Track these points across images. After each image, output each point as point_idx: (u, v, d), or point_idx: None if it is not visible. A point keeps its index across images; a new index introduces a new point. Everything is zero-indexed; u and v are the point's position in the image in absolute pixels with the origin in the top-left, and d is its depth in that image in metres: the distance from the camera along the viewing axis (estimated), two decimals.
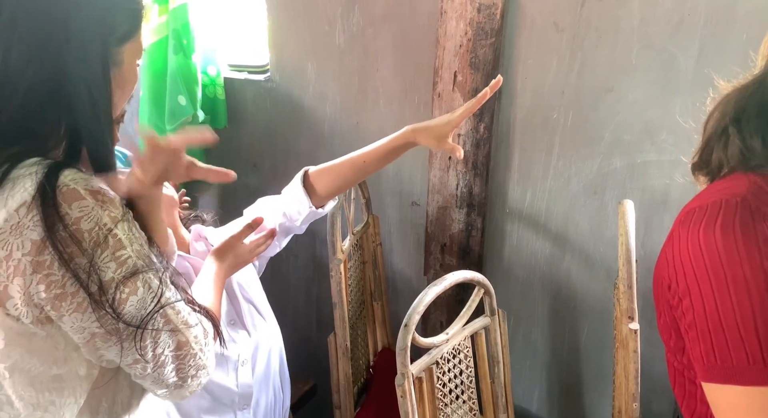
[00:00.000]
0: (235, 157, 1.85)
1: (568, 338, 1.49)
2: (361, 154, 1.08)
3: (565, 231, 1.41)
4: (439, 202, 1.50)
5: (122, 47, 0.70)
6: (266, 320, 1.17)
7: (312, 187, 1.11)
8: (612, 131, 1.28)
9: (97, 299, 0.63)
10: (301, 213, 1.12)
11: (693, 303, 0.63)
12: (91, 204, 0.62)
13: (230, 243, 1.01)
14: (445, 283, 1.03)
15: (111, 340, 0.65)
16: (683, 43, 1.15)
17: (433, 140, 1.02)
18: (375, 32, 1.48)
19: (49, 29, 0.63)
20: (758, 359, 0.58)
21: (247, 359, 1.10)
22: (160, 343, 0.68)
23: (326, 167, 1.11)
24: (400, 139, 1.05)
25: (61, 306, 0.62)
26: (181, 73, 1.59)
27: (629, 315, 1.02)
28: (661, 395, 1.37)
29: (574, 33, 1.25)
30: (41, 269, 0.61)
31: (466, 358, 1.13)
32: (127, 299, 0.64)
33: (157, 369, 0.69)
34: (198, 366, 0.72)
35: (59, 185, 0.61)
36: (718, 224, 0.62)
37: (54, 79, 0.64)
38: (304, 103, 1.66)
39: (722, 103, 0.69)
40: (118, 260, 0.64)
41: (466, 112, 0.99)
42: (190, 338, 0.71)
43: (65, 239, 0.61)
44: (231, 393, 1.09)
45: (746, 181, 0.65)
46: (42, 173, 0.62)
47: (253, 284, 1.18)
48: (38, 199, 0.60)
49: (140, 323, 0.65)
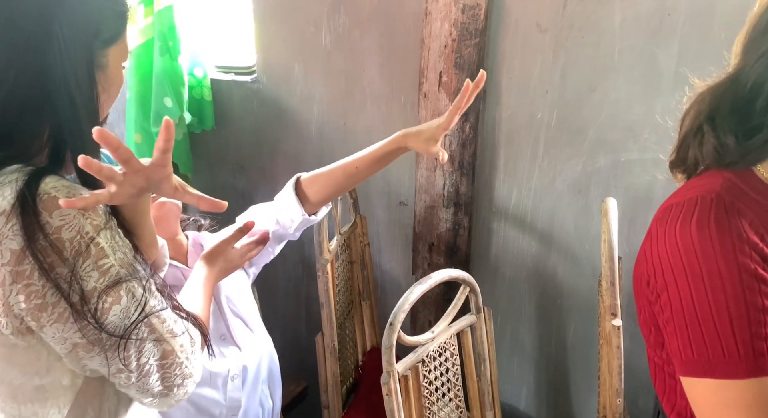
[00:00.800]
0: (223, 158, 1.85)
1: (554, 336, 1.51)
2: (353, 160, 1.07)
3: (551, 229, 1.42)
4: (427, 201, 1.51)
5: (107, 50, 0.68)
6: (255, 333, 1.16)
7: (304, 194, 1.10)
8: (596, 130, 1.29)
9: (78, 310, 0.61)
10: (294, 221, 1.10)
11: (670, 298, 0.64)
12: (73, 212, 0.61)
13: (221, 247, 1.00)
14: (430, 281, 1.04)
15: (94, 350, 0.64)
16: (664, 43, 1.17)
17: (423, 144, 1.01)
18: (361, 33, 1.49)
19: (32, 32, 0.62)
20: (733, 352, 0.59)
21: (237, 373, 1.09)
22: (144, 352, 0.66)
23: (318, 174, 1.10)
24: (392, 144, 1.04)
25: (41, 316, 0.61)
26: (167, 75, 1.59)
27: (612, 312, 1.04)
28: (647, 391, 1.39)
29: (557, 33, 1.26)
30: (21, 279, 0.59)
31: (452, 356, 1.13)
32: (110, 308, 0.63)
33: (142, 379, 0.67)
34: (184, 375, 0.71)
35: (40, 193, 0.60)
36: (694, 220, 0.63)
37: (36, 83, 0.63)
38: (291, 104, 1.67)
39: (697, 101, 0.70)
40: (100, 269, 0.62)
41: (454, 111, 0.98)
42: (176, 347, 0.69)
43: (46, 248, 0.59)
44: (219, 406, 1.08)
45: (721, 178, 0.66)
46: (22, 181, 0.60)
47: (243, 294, 1.17)
48: (18, 207, 0.59)
49: (124, 333, 0.64)
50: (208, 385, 1.06)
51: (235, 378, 1.09)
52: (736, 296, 0.60)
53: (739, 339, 0.59)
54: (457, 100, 0.97)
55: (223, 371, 1.07)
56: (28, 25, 0.62)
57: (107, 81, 0.69)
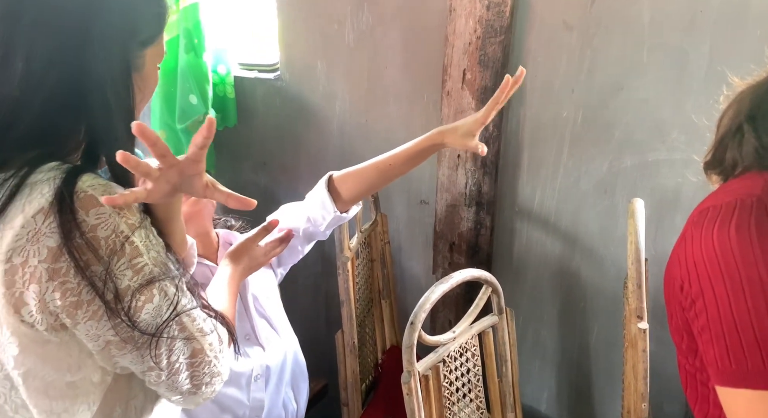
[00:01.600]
0: (245, 155, 1.86)
1: (577, 338, 1.48)
2: (388, 157, 1.06)
3: (575, 230, 1.40)
4: (448, 200, 1.50)
5: (144, 51, 0.69)
6: (280, 334, 1.16)
7: (336, 192, 1.09)
8: (622, 130, 1.27)
9: (112, 307, 0.62)
10: (326, 218, 1.10)
11: (707, 305, 0.62)
12: (108, 211, 0.62)
13: (245, 245, 1.00)
14: (452, 281, 1.03)
15: (126, 348, 0.65)
16: (695, 41, 1.14)
17: (460, 139, 1.00)
18: (384, 31, 1.48)
19: (71, 32, 0.62)
20: None
21: (261, 374, 1.10)
22: (174, 351, 0.67)
23: (351, 171, 1.10)
24: (427, 141, 1.03)
25: (76, 314, 0.62)
26: (192, 72, 1.60)
27: (638, 314, 1.01)
28: (673, 396, 1.36)
29: (584, 31, 1.24)
30: (57, 277, 0.60)
31: (473, 356, 1.12)
32: (143, 307, 0.64)
33: (171, 377, 0.68)
34: (212, 374, 0.71)
35: (77, 191, 0.60)
36: (733, 224, 0.61)
37: (75, 83, 0.63)
38: (314, 101, 1.67)
39: (736, 100, 0.68)
40: (134, 267, 0.63)
41: (492, 106, 0.98)
42: (205, 346, 0.70)
43: (81, 246, 0.60)
44: (242, 406, 1.09)
45: (761, 180, 0.64)
46: (60, 179, 0.61)
47: (270, 294, 1.17)
48: (55, 205, 0.59)
49: (155, 331, 0.65)
50: (232, 385, 1.06)
51: (258, 379, 1.09)
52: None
53: None
54: (495, 94, 0.97)
55: (247, 371, 1.07)
56: (66, 26, 0.63)
57: (143, 81, 0.70)
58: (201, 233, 1.09)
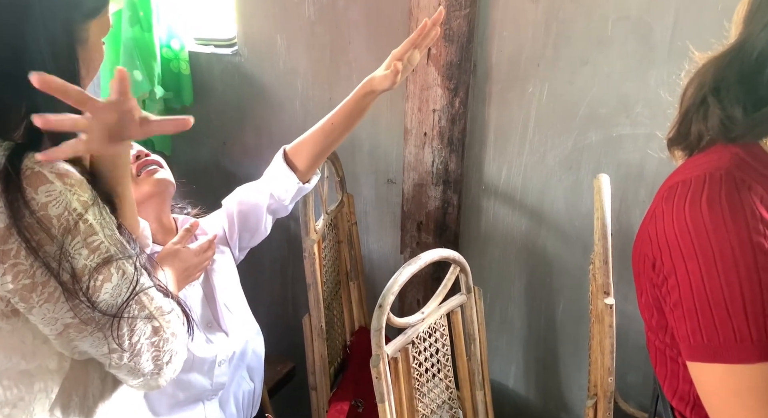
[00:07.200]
0: (203, 135, 1.79)
1: (544, 314, 1.50)
2: (329, 117, 1.10)
3: (541, 207, 1.40)
4: (415, 179, 1.47)
5: (88, 24, 0.65)
6: (240, 317, 1.15)
7: (293, 164, 1.13)
8: (587, 105, 1.26)
9: (69, 288, 0.60)
10: (289, 191, 1.12)
11: (679, 282, 0.61)
12: (59, 188, 0.59)
13: (170, 249, 0.98)
14: (420, 262, 1.01)
15: (86, 330, 0.63)
16: (659, 14, 1.13)
17: (383, 78, 1.02)
18: (346, 4, 1.43)
19: (9, 5, 0.59)
20: (746, 336, 0.57)
21: (225, 359, 1.08)
22: (136, 331, 0.66)
23: (301, 141, 1.13)
24: (359, 90, 1.06)
25: (30, 297, 0.60)
26: (137, 46, 1.51)
27: (605, 290, 1.02)
28: (636, 368, 1.39)
29: (549, 4, 1.22)
30: (7, 259, 0.58)
31: (442, 336, 1.12)
32: (102, 286, 0.62)
33: (134, 358, 0.67)
34: (171, 351, 0.70)
35: (23, 169, 0.58)
36: (704, 198, 0.60)
37: (14, 58, 0.60)
38: (275, 78, 1.61)
39: (699, 73, 0.67)
40: (90, 246, 0.61)
41: (407, 45, 1.01)
42: (164, 325, 0.69)
43: (32, 225, 0.57)
44: (205, 390, 1.08)
45: (728, 153, 0.64)
46: (4, 156, 0.58)
47: (230, 279, 1.15)
48: (1, 184, 0.57)
49: (117, 312, 0.63)
50: (195, 370, 1.04)
51: (222, 364, 1.07)
52: (750, 278, 0.57)
53: (752, 322, 0.57)
54: (413, 35, 1.01)
55: (210, 357, 1.05)
56: None
57: (87, 56, 0.67)
58: (159, 214, 1.06)
